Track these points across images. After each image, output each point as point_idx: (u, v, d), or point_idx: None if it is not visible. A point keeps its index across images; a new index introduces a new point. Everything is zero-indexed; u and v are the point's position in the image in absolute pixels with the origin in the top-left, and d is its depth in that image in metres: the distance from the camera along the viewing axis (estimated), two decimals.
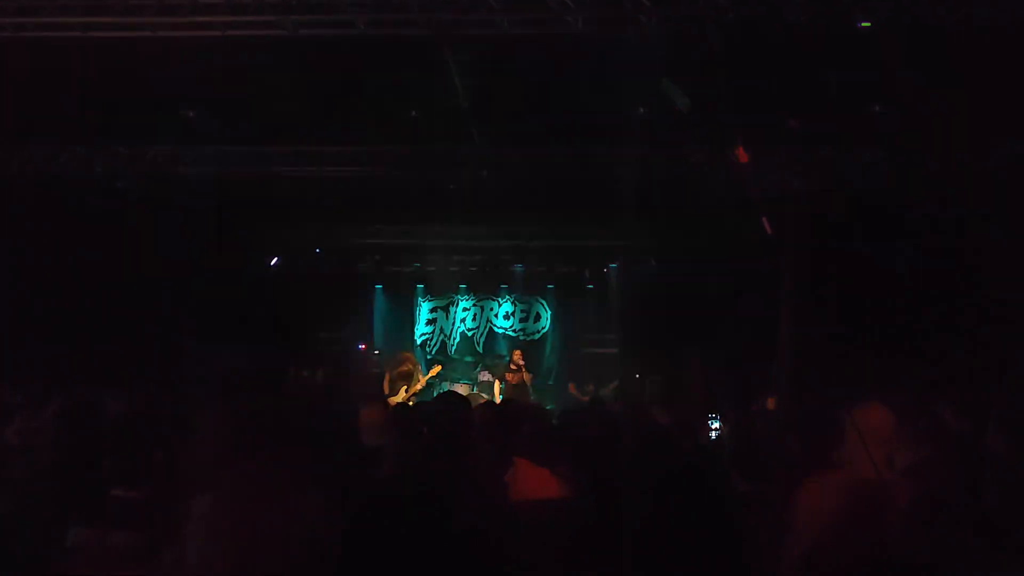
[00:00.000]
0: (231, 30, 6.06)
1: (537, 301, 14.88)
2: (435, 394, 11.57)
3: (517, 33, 6.09)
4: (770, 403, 2.06)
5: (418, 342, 14.71)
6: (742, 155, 6.75)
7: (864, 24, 5.63)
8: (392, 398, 11.39)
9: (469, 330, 14.90)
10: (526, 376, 11.84)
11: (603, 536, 2.19)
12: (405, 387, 11.58)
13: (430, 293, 14.91)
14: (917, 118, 7.57)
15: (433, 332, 14.93)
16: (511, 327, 14.80)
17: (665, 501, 2.78)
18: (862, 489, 2.78)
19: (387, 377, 11.96)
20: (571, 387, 12.65)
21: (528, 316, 14.91)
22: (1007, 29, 5.82)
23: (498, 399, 12.12)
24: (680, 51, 6.17)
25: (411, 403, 10.67)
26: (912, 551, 2.53)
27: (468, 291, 14.89)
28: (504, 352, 14.09)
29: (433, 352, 14.65)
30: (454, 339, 14.87)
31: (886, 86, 6.89)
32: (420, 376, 11.74)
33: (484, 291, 14.87)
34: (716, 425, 6.21)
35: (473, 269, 14.47)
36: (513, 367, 11.95)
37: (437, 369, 12.18)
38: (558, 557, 2.16)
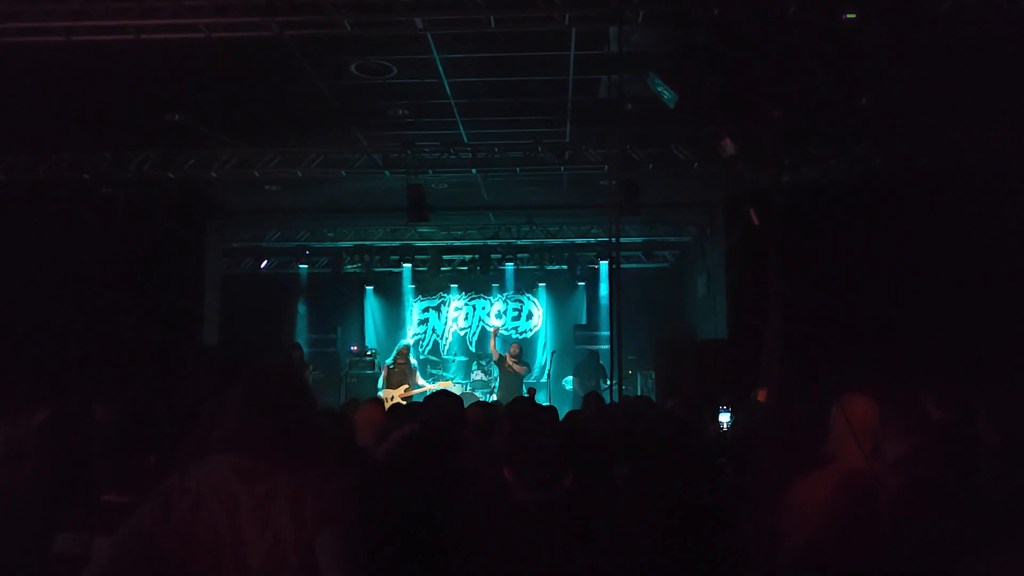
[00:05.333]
0: (215, 32, 6.02)
1: (529, 299, 14.89)
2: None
3: (504, 30, 6.09)
4: (761, 395, 2.07)
5: (411, 342, 14.71)
6: (729, 147, 6.75)
7: (849, 16, 5.63)
8: (388, 391, 11.51)
9: (461, 329, 14.90)
10: (520, 368, 12.10)
11: (592, 528, 2.19)
12: (406, 386, 11.71)
13: (421, 293, 14.90)
14: (906, 111, 7.61)
15: (425, 332, 14.93)
16: (503, 325, 14.81)
17: (659, 493, 2.78)
18: (853, 482, 2.79)
19: (384, 373, 12.13)
20: (575, 383, 12.74)
21: (520, 314, 14.93)
22: (996, 18, 5.84)
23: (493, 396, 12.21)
24: (666, 46, 6.17)
25: (404, 403, 10.72)
26: (903, 542, 2.54)
27: (460, 290, 14.90)
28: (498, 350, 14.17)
29: (426, 352, 14.66)
30: (447, 339, 14.87)
31: (874, 79, 6.91)
32: (418, 378, 11.89)
33: (475, 290, 14.88)
34: (726, 418, 6.20)
35: (464, 268, 14.48)
36: (512, 358, 12.23)
37: (446, 385, 12.44)
38: (546, 551, 2.16)
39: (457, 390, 12.05)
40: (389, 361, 12.51)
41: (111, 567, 1.95)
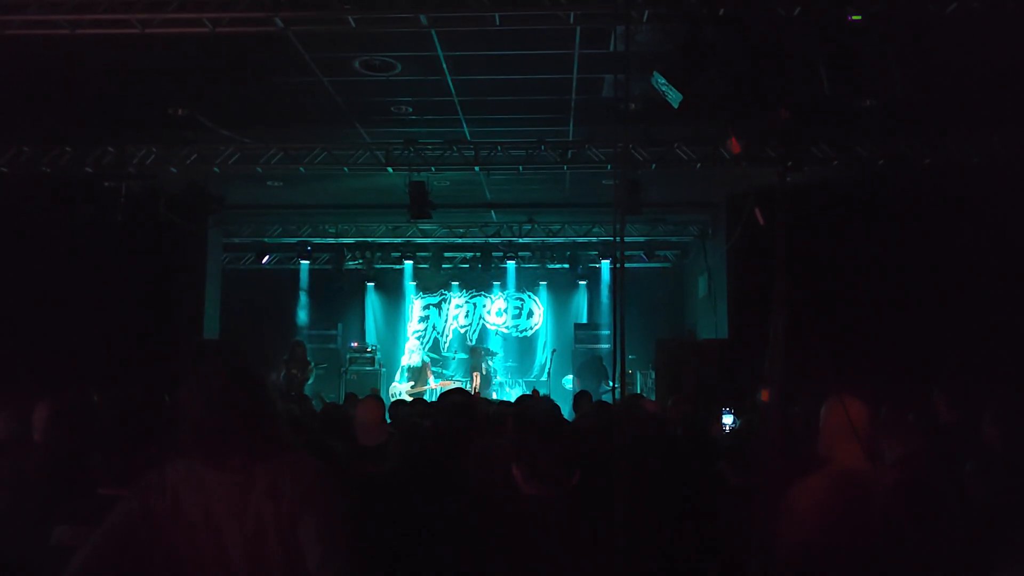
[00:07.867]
0: (220, 27, 6.01)
1: (530, 297, 14.89)
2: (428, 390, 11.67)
3: (508, 28, 6.08)
4: (764, 395, 2.07)
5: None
6: (735, 146, 6.75)
7: (855, 17, 5.61)
8: (400, 385, 11.65)
9: (462, 327, 14.90)
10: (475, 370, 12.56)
11: (591, 527, 2.19)
12: (412, 383, 11.80)
13: (422, 290, 14.90)
14: (910, 113, 7.58)
15: (426, 329, 14.93)
16: (504, 323, 14.81)
17: (653, 492, 2.78)
18: (852, 482, 2.78)
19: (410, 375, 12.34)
20: (576, 383, 12.76)
21: (521, 312, 14.92)
22: (1001, 21, 5.83)
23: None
24: (671, 45, 6.16)
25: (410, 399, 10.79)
26: (901, 543, 2.53)
27: (461, 288, 14.90)
28: (497, 349, 14.21)
29: (426, 349, 14.66)
30: (447, 336, 14.87)
31: (878, 81, 6.89)
32: (429, 375, 12.05)
33: (476, 287, 14.88)
34: (729, 419, 6.20)
35: (465, 266, 14.47)
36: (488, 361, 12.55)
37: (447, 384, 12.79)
38: (558, 545, 2.16)
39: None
40: (417, 363, 12.85)
41: (87, 567, 1.97)
